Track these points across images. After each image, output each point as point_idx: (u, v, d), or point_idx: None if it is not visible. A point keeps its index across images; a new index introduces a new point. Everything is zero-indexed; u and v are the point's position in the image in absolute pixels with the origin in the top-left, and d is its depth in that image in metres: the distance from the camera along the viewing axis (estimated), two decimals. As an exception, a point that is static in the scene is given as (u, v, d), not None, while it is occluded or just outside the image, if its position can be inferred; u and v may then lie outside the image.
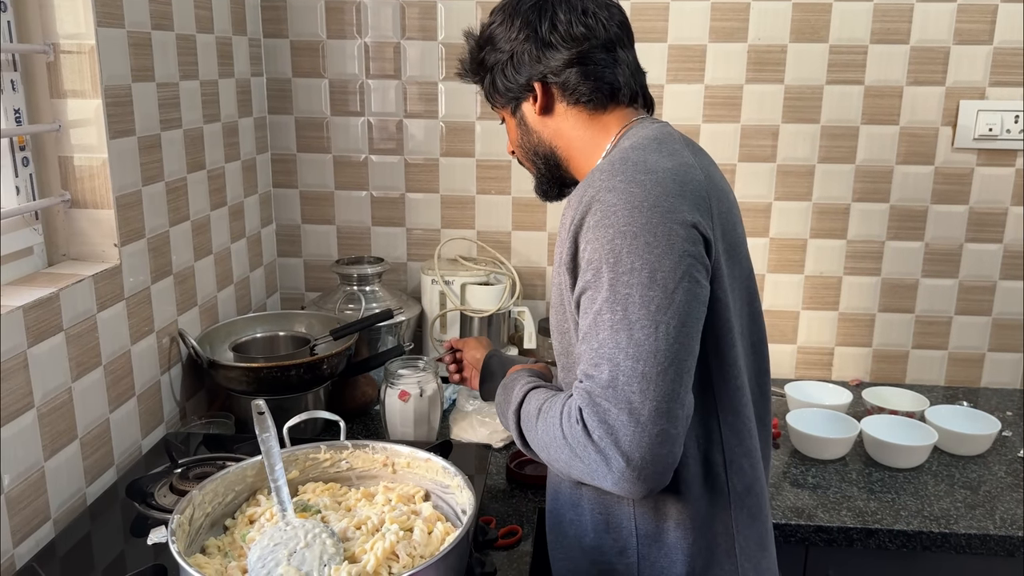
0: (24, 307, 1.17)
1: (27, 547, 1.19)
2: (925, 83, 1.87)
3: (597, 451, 0.89)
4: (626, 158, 0.98)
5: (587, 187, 0.97)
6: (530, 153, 1.17)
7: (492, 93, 1.15)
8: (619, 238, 0.91)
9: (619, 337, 0.89)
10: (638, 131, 1.07)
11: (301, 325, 1.82)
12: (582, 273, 0.94)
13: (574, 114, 1.10)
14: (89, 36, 1.31)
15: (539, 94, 1.10)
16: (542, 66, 1.08)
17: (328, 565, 0.94)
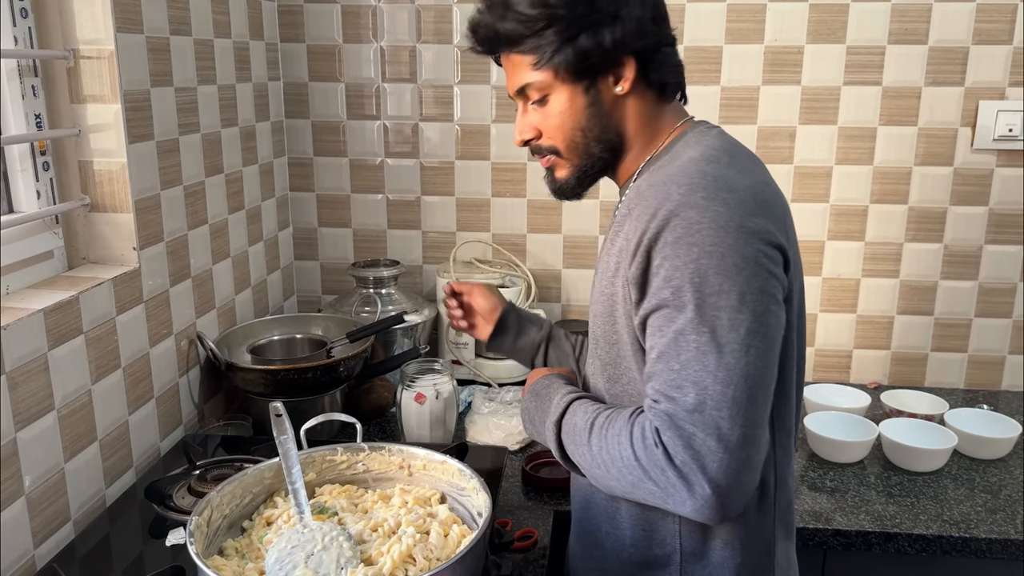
0: (44, 310, 1.18)
1: (47, 548, 1.20)
2: (944, 84, 1.85)
3: (679, 476, 0.86)
4: (703, 172, 0.92)
5: (658, 199, 0.91)
6: (592, 140, 1.03)
7: (563, 61, 0.98)
8: (705, 258, 0.87)
9: (707, 360, 0.86)
10: (701, 139, 1.01)
11: (318, 328, 1.83)
12: (655, 290, 0.90)
13: (644, 101, 1.03)
14: (108, 41, 1.32)
15: (632, 71, 0.99)
16: (646, 40, 0.98)
17: (345, 568, 0.94)
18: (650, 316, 0.91)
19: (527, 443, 1.63)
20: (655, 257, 0.90)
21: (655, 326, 0.91)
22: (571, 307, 2.09)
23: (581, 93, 1.01)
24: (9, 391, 1.12)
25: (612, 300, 0.98)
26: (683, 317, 0.88)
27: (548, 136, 1.05)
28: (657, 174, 0.98)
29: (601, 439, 0.95)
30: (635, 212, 0.94)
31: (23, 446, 1.15)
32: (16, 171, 1.32)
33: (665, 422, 0.87)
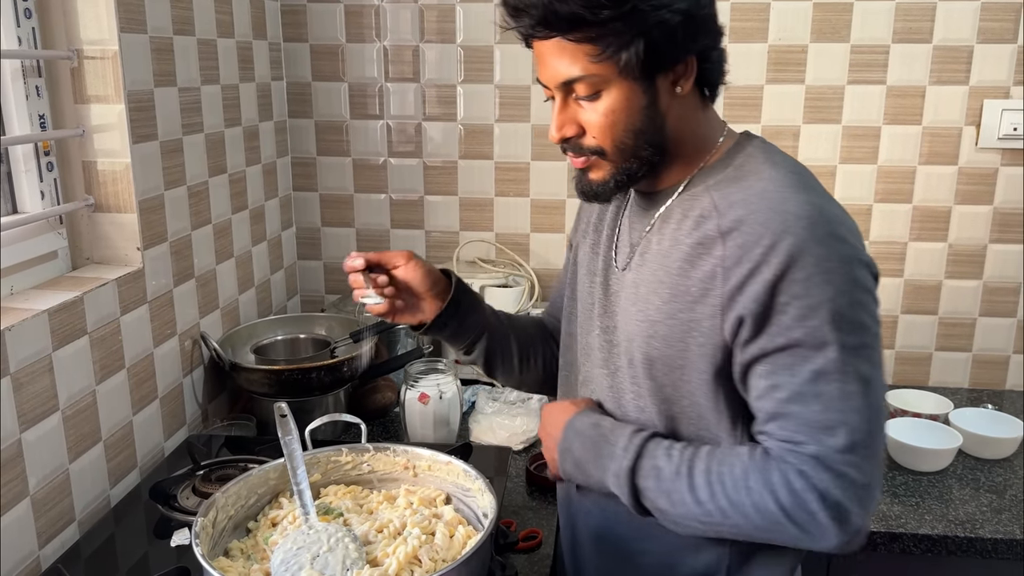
0: (49, 311, 1.18)
1: (52, 548, 1.20)
2: (948, 82, 1.85)
3: (832, 516, 0.86)
4: (812, 203, 0.89)
5: (774, 231, 0.87)
6: (641, 141, 0.95)
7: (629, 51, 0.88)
8: (840, 297, 0.86)
9: (853, 400, 0.86)
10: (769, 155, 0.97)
11: (321, 327, 1.83)
12: (782, 328, 0.87)
13: (693, 103, 0.97)
14: (112, 42, 1.32)
15: (693, 70, 0.93)
16: (709, 39, 0.93)
17: (351, 569, 0.94)
18: (772, 354, 0.88)
19: (531, 443, 1.63)
20: (781, 295, 0.86)
21: (782, 364, 0.88)
22: (574, 307, 2.08)
23: (641, 92, 0.92)
24: (14, 392, 1.12)
25: (688, 326, 0.93)
26: (822, 357, 0.86)
27: (594, 135, 0.95)
28: (736, 192, 0.93)
29: (713, 486, 0.91)
30: (733, 238, 0.89)
31: (28, 447, 1.15)
32: (20, 171, 1.32)
33: (814, 464, 0.86)
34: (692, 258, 0.93)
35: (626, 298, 1.02)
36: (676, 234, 0.97)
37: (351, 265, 1.11)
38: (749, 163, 0.96)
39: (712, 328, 0.91)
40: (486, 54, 1.95)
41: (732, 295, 0.89)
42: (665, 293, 0.95)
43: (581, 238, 1.17)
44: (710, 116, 1.00)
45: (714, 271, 0.90)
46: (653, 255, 0.99)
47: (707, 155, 0.99)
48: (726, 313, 0.90)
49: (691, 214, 0.96)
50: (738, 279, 0.88)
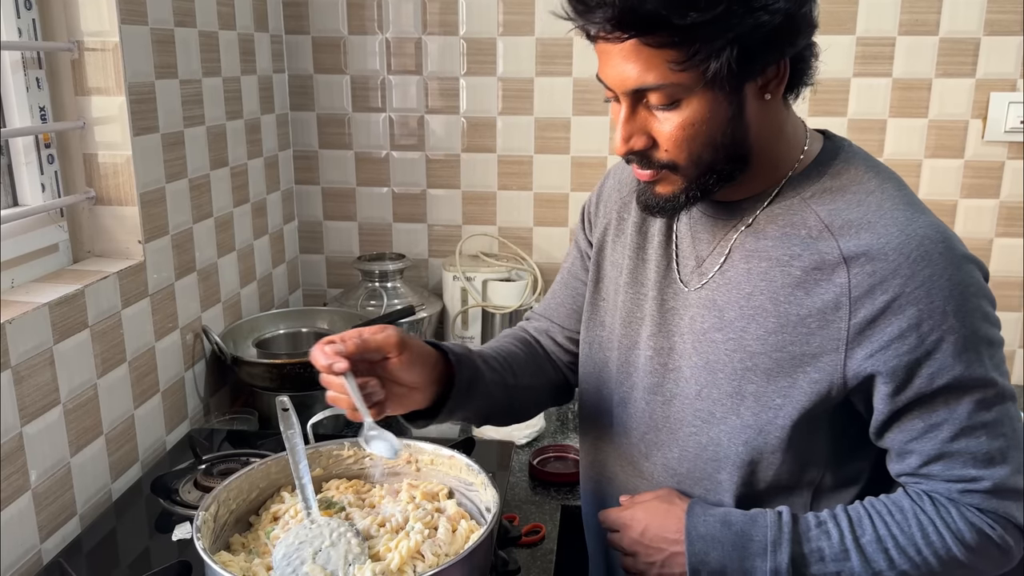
0: (50, 304, 1.18)
1: (53, 542, 1.20)
2: (955, 75, 1.83)
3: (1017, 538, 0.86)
4: (937, 227, 0.83)
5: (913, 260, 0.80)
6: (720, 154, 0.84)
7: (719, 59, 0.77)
8: (985, 321, 0.83)
9: (1013, 424, 0.85)
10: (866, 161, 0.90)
11: (323, 321, 1.82)
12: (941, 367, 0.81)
13: (778, 108, 0.87)
14: (113, 33, 1.31)
15: (784, 73, 0.83)
16: (803, 39, 0.82)
17: (353, 564, 0.94)
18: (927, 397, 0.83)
19: (534, 437, 1.62)
20: (932, 332, 0.80)
21: (940, 404, 0.83)
22: (577, 301, 2.08)
23: (726, 102, 0.81)
24: (15, 385, 1.11)
25: (800, 360, 0.86)
26: (982, 388, 0.82)
27: (667, 148, 0.84)
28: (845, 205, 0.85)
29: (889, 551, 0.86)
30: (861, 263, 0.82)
31: (29, 440, 1.14)
32: (20, 164, 1.31)
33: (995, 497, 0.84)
34: (806, 284, 0.85)
35: (699, 320, 0.92)
36: (779, 254, 0.87)
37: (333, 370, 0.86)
38: (847, 172, 0.88)
39: (832, 364, 0.84)
40: (489, 46, 1.94)
41: (862, 329, 0.82)
42: (770, 323, 0.87)
43: (612, 237, 1.06)
44: (792, 118, 0.91)
45: (838, 301, 0.83)
46: (742, 275, 0.89)
47: (794, 161, 0.90)
48: (852, 349, 0.83)
49: (794, 231, 0.87)
50: (870, 312, 0.81)
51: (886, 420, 0.86)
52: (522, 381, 1.10)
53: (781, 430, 0.88)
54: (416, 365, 0.92)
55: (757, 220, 0.90)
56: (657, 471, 0.99)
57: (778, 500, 0.93)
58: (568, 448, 1.53)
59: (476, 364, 1.03)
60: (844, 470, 0.94)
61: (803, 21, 0.80)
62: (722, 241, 0.92)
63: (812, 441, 0.90)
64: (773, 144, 0.88)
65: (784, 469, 0.91)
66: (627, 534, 0.96)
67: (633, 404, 1.00)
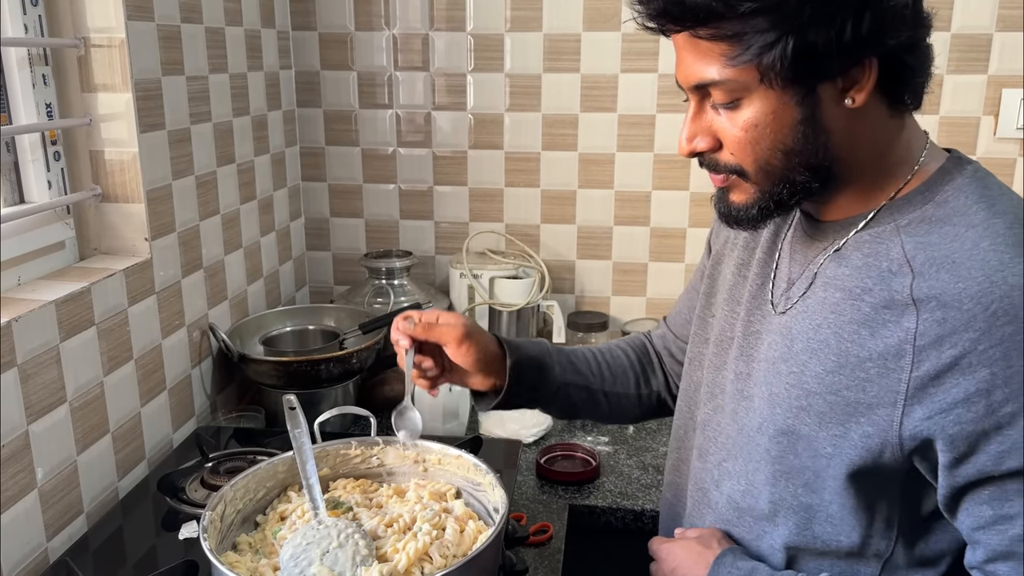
0: (56, 301, 1.17)
1: (60, 541, 1.19)
2: (966, 71, 1.82)
3: None
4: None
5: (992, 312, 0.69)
6: (794, 163, 0.77)
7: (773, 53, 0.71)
8: None
9: None
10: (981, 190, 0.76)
11: (330, 319, 1.82)
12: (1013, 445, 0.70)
13: (876, 117, 0.76)
14: (119, 30, 1.30)
15: (873, 77, 0.73)
16: (901, 34, 0.71)
17: (360, 566, 0.93)
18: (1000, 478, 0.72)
19: (541, 436, 1.61)
20: (1006, 402, 0.68)
21: (1015, 490, 0.71)
22: (585, 299, 2.07)
23: (793, 104, 0.74)
24: (21, 383, 1.11)
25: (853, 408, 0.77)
26: None
27: (732, 151, 0.78)
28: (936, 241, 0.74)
29: None
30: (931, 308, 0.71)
31: (35, 439, 1.14)
32: (27, 161, 1.31)
33: None
34: (872, 323, 0.75)
35: (773, 347, 0.85)
36: (853, 285, 0.78)
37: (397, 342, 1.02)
38: (956, 200, 0.76)
39: (887, 419, 0.74)
40: (496, 42, 1.92)
41: (924, 385, 0.72)
42: (830, 361, 0.78)
43: (728, 249, 0.99)
44: (906, 130, 0.79)
45: (901, 348, 0.73)
46: (818, 303, 0.81)
47: (900, 181, 0.79)
48: (910, 405, 0.73)
49: (875, 262, 0.77)
50: (935, 367, 0.71)
51: (950, 497, 0.76)
52: (615, 388, 1.11)
53: (835, 481, 0.79)
54: (475, 357, 1.01)
55: (847, 245, 0.81)
56: (723, 503, 0.93)
57: (839, 566, 0.84)
58: (576, 447, 1.52)
59: (546, 365, 1.06)
60: (920, 548, 0.83)
61: (893, 16, 0.70)
62: (811, 264, 0.84)
63: (877, 505, 0.80)
64: (871, 159, 0.78)
65: (844, 529, 0.82)
66: (661, 568, 0.95)
67: (713, 428, 0.94)
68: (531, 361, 1.06)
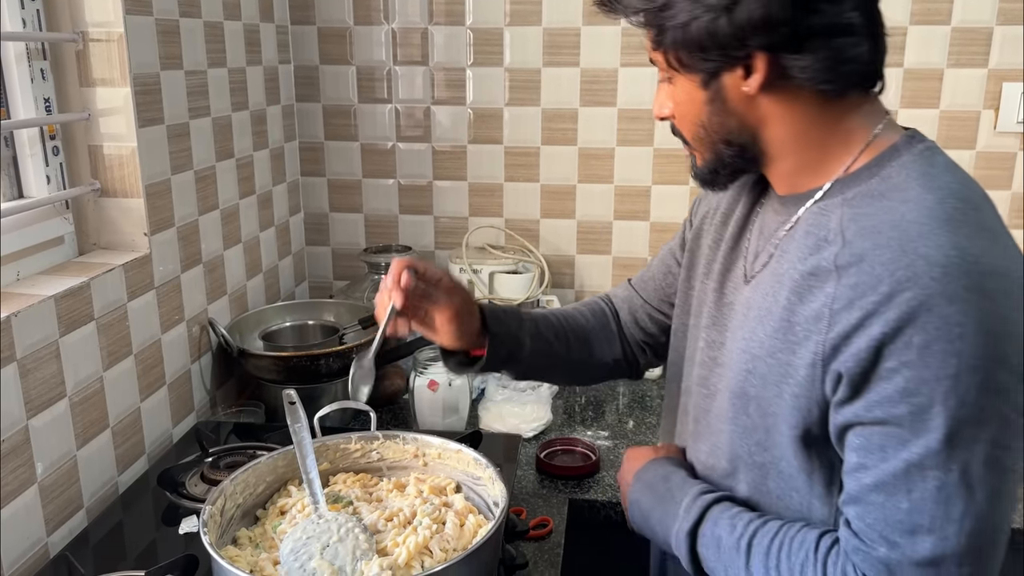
0: (55, 296, 1.17)
1: (60, 535, 1.20)
2: (967, 65, 1.81)
3: None
4: (961, 248, 0.71)
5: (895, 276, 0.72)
6: (717, 138, 0.85)
7: (676, 51, 0.81)
8: (967, 374, 0.69)
9: (952, 505, 0.70)
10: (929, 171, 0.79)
11: (330, 314, 1.81)
12: (883, 399, 0.72)
13: (802, 101, 0.81)
14: (118, 24, 1.30)
15: (761, 68, 0.78)
16: (776, 32, 0.76)
17: (360, 560, 0.93)
18: (867, 426, 0.75)
19: (541, 430, 1.61)
20: (889, 358, 0.71)
21: (875, 443, 0.74)
22: (584, 293, 2.07)
23: (699, 86, 0.83)
24: (20, 378, 1.11)
25: (785, 370, 0.81)
26: (923, 445, 0.71)
27: (677, 121, 0.89)
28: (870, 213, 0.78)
29: (769, 570, 0.81)
30: (851, 274, 0.75)
31: (35, 433, 1.14)
32: (25, 156, 1.30)
33: (880, 571, 0.74)
34: (802, 290, 0.80)
35: (737, 316, 0.90)
36: (795, 255, 0.83)
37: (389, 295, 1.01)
38: (898, 176, 0.79)
39: (809, 379, 0.78)
40: (496, 36, 1.92)
41: (836, 346, 0.75)
42: (771, 326, 0.83)
43: (707, 224, 1.04)
44: (853, 111, 0.82)
45: (821, 312, 0.76)
46: (770, 273, 0.86)
47: (849, 157, 0.82)
48: (827, 365, 0.76)
49: (815, 232, 0.81)
50: (844, 328, 0.74)
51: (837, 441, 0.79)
52: (574, 354, 1.15)
53: (782, 439, 0.83)
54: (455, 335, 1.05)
55: (801, 218, 0.85)
56: (696, 462, 0.99)
57: None
58: (576, 441, 1.52)
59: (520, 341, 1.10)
60: None
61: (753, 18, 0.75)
62: (773, 237, 0.88)
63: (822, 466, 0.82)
64: (802, 139, 0.83)
65: (795, 487, 0.84)
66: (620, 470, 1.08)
67: (693, 394, 0.99)
68: (508, 339, 1.09)
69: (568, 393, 1.81)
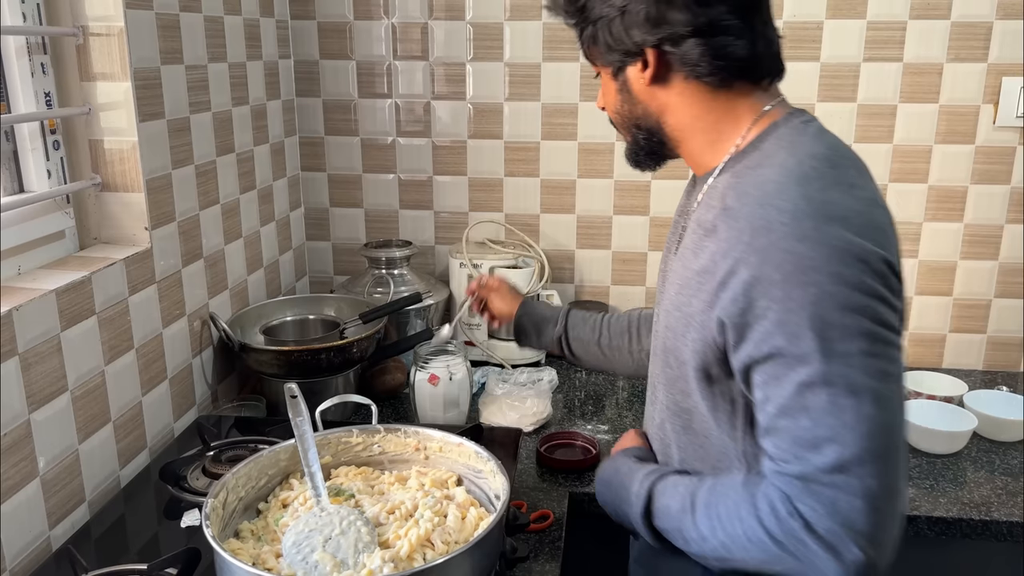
0: (57, 291, 1.17)
1: (63, 529, 1.20)
2: (966, 59, 1.81)
3: (824, 546, 0.79)
4: (808, 196, 0.82)
5: (754, 225, 0.83)
6: (629, 123, 1.00)
7: (591, 48, 0.97)
8: (825, 300, 0.78)
9: (843, 414, 0.78)
10: (797, 139, 0.90)
11: (330, 308, 1.82)
12: (764, 335, 0.81)
13: (692, 90, 0.93)
14: (118, 18, 1.30)
15: (651, 62, 0.92)
16: (660, 31, 0.89)
17: (363, 552, 0.94)
18: (760, 363, 0.83)
19: (541, 424, 1.62)
20: (759, 298, 0.81)
21: (769, 375, 0.82)
22: (584, 288, 2.07)
23: (611, 77, 0.98)
24: (22, 372, 1.11)
25: (688, 319, 0.91)
26: (807, 367, 0.79)
27: (607, 110, 1.04)
28: (745, 180, 0.89)
29: (712, 519, 0.88)
30: (722, 230, 0.86)
31: (37, 427, 1.14)
32: (26, 150, 1.31)
33: (799, 488, 0.80)
34: (696, 248, 0.91)
35: (666, 286, 1.02)
36: (695, 224, 0.95)
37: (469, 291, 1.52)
38: (772, 147, 0.90)
39: (702, 324, 0.88)
40: (496, 31, 1.92)
41: (717, 292, 0.85)
42: (677, 282, 0.95)
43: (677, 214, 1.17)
44: (729, 104, 0.94)
45: (707, 265, 0.87)
46: (684, 246, 0.97)
47: (736, 139, 0.94)
48: (713, 310, 0.86)
49: (708, 202, 0.93)
50: (722, 276, 0.84)
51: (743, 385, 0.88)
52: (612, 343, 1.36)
53: (695, 384, 0.92)
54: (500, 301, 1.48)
55: (704, 194, 0.96)
56: (651, 425, 1.09)
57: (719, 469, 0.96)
58: (576, 435, 1.53)
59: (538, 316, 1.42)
60: None
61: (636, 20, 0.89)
62: (687, 213, 1.01)
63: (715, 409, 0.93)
64: (697, 125, 0.95)
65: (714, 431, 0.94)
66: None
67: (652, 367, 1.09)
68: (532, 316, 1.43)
69: (568, 387, 1.81)
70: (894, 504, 0.80)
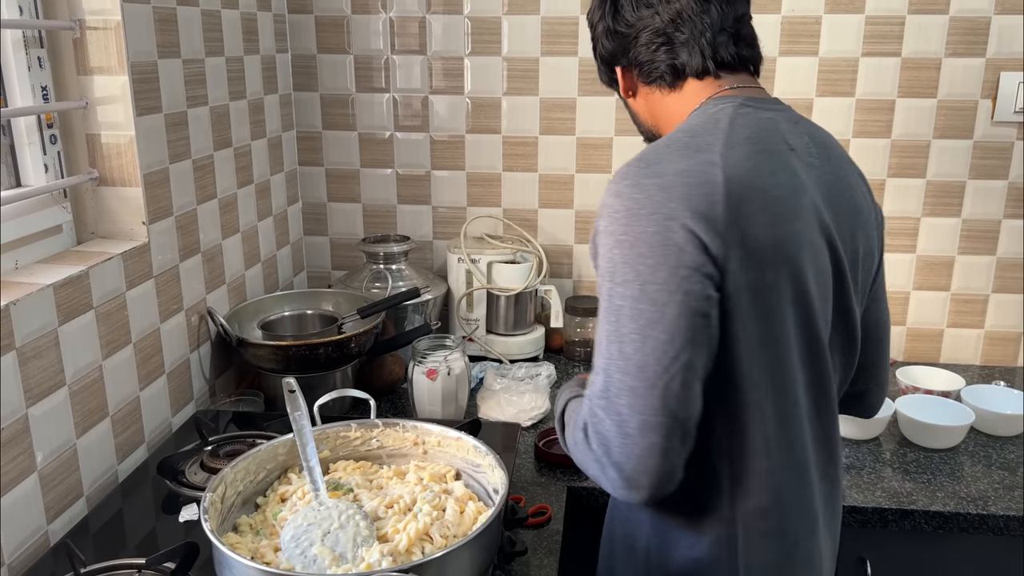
0: (54, 285, 1.17)
1: (61, 523, 1.20)
2: (964, 55, 1.81)
3: (595, 459, 0.90)
4: (642, 157, 0.94)
5: (608, 187, 0.95)
6: (635, 120, 1.17)
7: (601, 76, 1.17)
8: (617, 247, 0.89)
9: (612, 349, 0.89)
10: (695, 116, 1.01)
11: (328, 303, 1.82)
12: (597, 279, 0.94)
13: (654, 96, 1.09)
14: (115, 12, 1.30)
15: (619, 78, 1.11)
16: (614, 48, 1.08)
17: (361, 546, 0.94)
18: None
19: (539, 419, 1.62)
20: (598, 247, 0.93)
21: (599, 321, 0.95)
22: (582, 283, 2.07)
23: (617, 93, 1.15)
24: (19, 367, 1.11)
25: None
26: (601, 307, 0.91)
27: None
28: None
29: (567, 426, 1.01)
30: None
31: (34, 422, 1.14)
32: (23, 144, 1.30)
33: (585, 407, 0.91)
34: None
35: None
36: None
37: None
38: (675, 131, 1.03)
39: None
40: (494, 25, 1.92)
41: None
42: None
43: None
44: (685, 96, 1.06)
45: None
46: None
47: None
48: None
49: None
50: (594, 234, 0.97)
51: None
52: None
53: None
54: None
55: None
56: None
57: None
58: (574, 430, 1.53)
59: None
60: None
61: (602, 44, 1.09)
62: None
63: None
64: (665, 121, 1.09)
65: None
66: None
67: None
68: None
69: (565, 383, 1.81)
70: (651, 438, 0.87)
